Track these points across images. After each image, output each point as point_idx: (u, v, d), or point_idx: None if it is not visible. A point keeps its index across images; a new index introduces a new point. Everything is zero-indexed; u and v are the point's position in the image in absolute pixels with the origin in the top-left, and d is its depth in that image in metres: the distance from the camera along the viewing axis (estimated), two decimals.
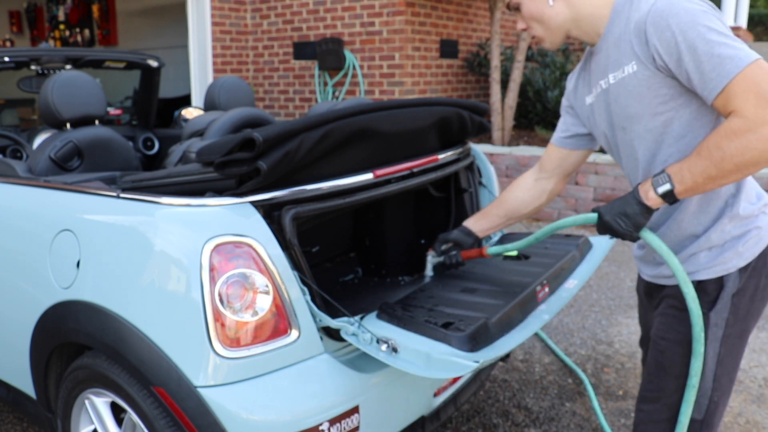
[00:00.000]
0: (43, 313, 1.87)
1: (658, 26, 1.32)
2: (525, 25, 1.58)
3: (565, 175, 1.87)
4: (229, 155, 1.64)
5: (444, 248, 2.05)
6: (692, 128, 1.42)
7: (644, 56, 1.36)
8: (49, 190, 2.02)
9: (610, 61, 1.46)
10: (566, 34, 1.54)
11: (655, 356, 1.58)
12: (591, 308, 3.80)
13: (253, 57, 7.49)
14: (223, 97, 3.29)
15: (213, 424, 1.52)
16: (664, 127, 1.43)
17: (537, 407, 2.72)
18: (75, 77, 2.65)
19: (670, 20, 1.30)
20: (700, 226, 1.49)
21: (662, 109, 1.40)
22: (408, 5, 6.41)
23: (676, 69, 1.33)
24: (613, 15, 1.45)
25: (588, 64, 1.61)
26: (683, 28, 1.29)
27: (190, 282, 1.54)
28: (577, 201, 5.63)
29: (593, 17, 1.49)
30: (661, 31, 1.31)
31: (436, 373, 1.52)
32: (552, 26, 1.52)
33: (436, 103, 2.24)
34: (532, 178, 1.93)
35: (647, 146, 1.48)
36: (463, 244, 2.02)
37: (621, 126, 1.50)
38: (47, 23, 10.05)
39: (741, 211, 1.47)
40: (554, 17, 1.51)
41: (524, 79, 6.76)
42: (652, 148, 1.47)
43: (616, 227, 1.44)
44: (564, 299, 1.95)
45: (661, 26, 1.31)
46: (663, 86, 1.38)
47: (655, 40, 1.33)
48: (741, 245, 1.47)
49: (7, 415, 2.69)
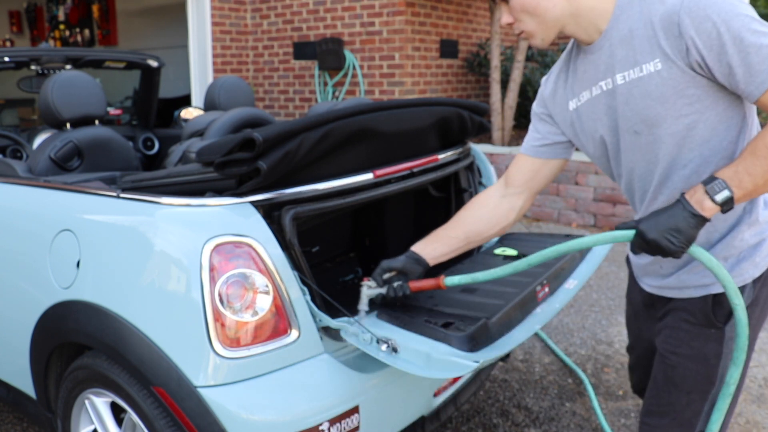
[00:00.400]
0: (43, 313, 1.87)
1: (695, 17, 1.22)
2: (512, 19, 1.41)
3: (537, 190, 1.69)
4: (229, 155, 1.64)
5: (386, 277, 1.72)
6: (717, 132, 1.33)
7: (674, 51, 1.26)
8: (49, 190, 2.02)
9: (616, 60, 1.35)
10: (560, 31, 1.40)
11: (664, 370, 1.50)
12: (591, 308, 3.79)
13: (253, 57, 7.49)
14: (223, 97, 3.29)
15: (213, 424, 1.52)
16: (687, 130, 1.32)
17: (537, 407, 2.72)
18: (75, 77, 2.65)
19: (709, 10, 1.21)
20: (717, 233, 1.41)
21: (687, 111, 1.30)
22: (408, 5, 6.41)
23: (715, 63, 1.23)
24: (618, 10, 1.35)
25: (573, 65, 1.49)
26: (725, 17, 1.20)
27: (190, 282, 1.54)
28: (577, 201, 5.63)
29: (594, 12, 1.36)
30: (699, 21, 1.22)
31: (436, 373, 1.52)
32: (547, 20, 1.37)
33: (436, 103, 2.24)
34: (498, 194, 1.72)
35: (667, 150, 1.36)
36: (409, 273, 1.71)
37: (632, 129, 1.38)
38: (47, 23, 10.04)
39: (759, 216, 1.40)
40: (551, 10, 1.35)
41: (524, 79, 6.75)
42: (673, 153, 1.36)
43: (666, 245, 1.26)
44: (563, 300, 1.95)
45: (700, 16, 1.22)
46: (690, 86, 1.28)
47: (692, 32, 1.22)
48: (758, 255, 1.41)
49: (7, 415, 2.69)
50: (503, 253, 2.25)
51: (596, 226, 5.54)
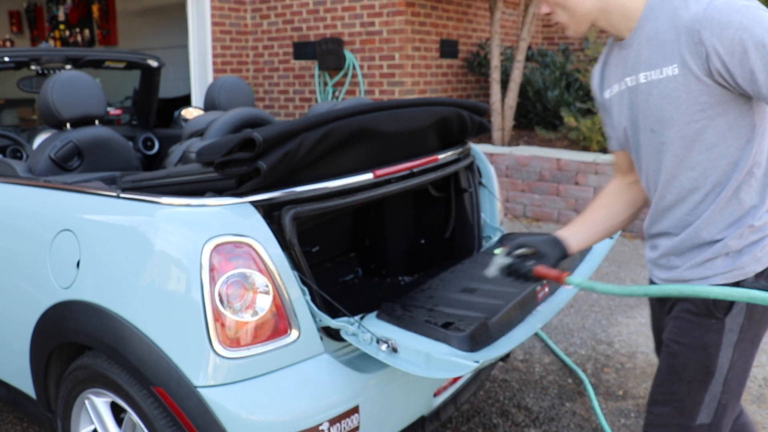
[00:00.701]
0: (43, 313, 1.87)
1: (717, 24, 1.27)
2: (549, 10, 1.51)
3: None
4: (229, 155, 1.64)
5: (518, 253, 1.66)
6: (725, 138, 1.37)
7: (693, 58, 1.31)
8: (49, 190, 2.02)
9: (641, 60, 1.41)
10: (592, 24, 1.49)
11: (667, 359, 1.54)
12: (591, 308, 3.80)
13: (253, 57, 7.49)
14: (223, 97, 3.29)
15: (213, 424, 1.52)
16: (697, 134, 1.38)
17: (537, 407, 2.72)
18: (75, 77, 2.65)
19: (732, 17, 1.25)
20: (719, 234, 1.44)
21: (699, 117, 1.36)
22: (408, 5, 6.41)
23: (737, 68, 1.27)
24: (647, 11, 1.40)
25: (609, 58, 1.56)
26: (747, 24, 1.24)
27: (190, 282, 1.54)
28: (577, 201, 5.63)
29: (625, 10, 1.43)
30: (721, 28, 1.26)
31: (436, 373, 1.52)
32: (577, 14, 1.46)
33: (436, 103, 2.24)
34: (622, 183, 1.70)
35: (675, 152, 1.42)
36: (543, 256, 1.62)
37: (650, 128, 1.45)
38: (47, 23, 10.04)
39: (761, 221, 1.43)
40: (580, 5, 1.45)
41: (524, 79, 6.75)
42: (680, 155, 1.42)
43: None
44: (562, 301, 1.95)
45: (722, 23, 1.26)
46: (704, 94, 1.34)
47: (713, 38, 1.27)
48: (759, 250, 1.43)
49: (7, 415, 2.69)
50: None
51: None
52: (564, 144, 6.22)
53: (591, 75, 1.69)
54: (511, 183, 5.97)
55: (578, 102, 6.31)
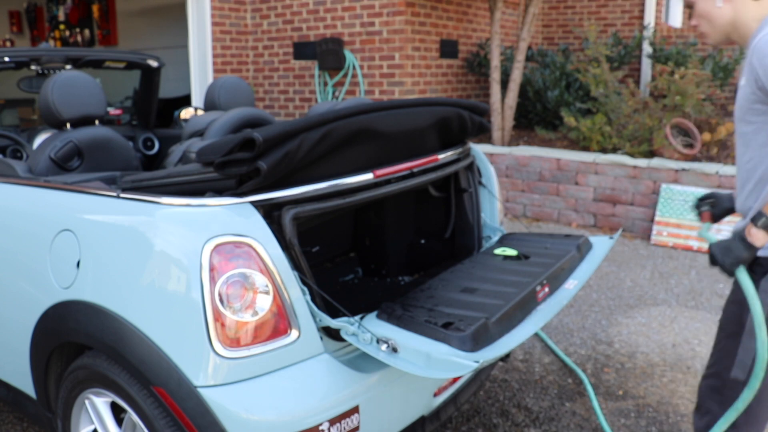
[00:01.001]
0: (43, 313, 1.87)
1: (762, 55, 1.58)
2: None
3: None
4: (229, 155, 1.64)
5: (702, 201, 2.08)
6: None
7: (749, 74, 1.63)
8: (49, 190, 2.02)
9: (744, 67, 1.71)
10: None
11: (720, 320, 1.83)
12: (591, 308, 3.80)
13: (253, 57, 7.49)
14: (223, 97, 3.29)
15: (213, 424, 1.52)
16: (753, 134, 1.68)
17: (537, 407, 2.72)
18: (75, 77, 2.65)
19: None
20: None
21: (754, 120, 1.67)
22: (408, 5, 6.41)
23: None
24: (758, 29, 1.69)
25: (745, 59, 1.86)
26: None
27: (190, 282, 1.54)
28: (576, 201, 5.63)
29: (747, 27, 1.73)
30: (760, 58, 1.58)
31: (436, 373, 1.52)
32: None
33: (436, 103, 2.24)
34: None
35: (739, 146, 1.75)
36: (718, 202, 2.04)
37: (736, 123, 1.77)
38: (47, 23, 10.05)
39: None
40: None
41: (524, 79, 6.75)
42: (740, 150, 1.75)
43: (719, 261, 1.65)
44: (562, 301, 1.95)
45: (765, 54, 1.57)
46: (757, 102, 1.64)
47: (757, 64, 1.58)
48: None
49: (7, 415, 2.69)
50: (503, 253, 2.25)
51: (596, 226, 5.54)
52: (564, 144, 6.22)
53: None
54: (511, 183, 5.97)
55: (578, 102, 6.31)
